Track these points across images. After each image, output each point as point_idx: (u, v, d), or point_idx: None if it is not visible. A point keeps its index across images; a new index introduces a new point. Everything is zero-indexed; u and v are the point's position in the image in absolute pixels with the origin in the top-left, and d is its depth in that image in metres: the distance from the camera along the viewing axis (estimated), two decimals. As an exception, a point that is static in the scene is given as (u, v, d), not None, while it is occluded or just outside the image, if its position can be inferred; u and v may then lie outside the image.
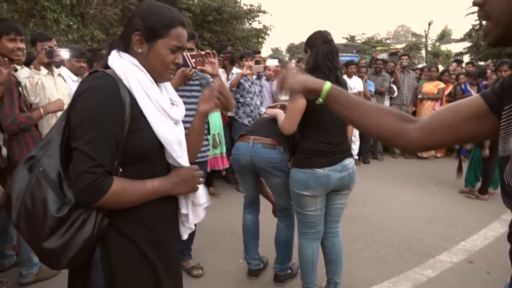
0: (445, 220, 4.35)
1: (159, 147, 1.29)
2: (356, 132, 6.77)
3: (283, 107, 2.75)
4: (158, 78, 1.34)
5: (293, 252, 2.94)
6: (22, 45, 2.69)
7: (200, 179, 1.40)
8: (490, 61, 13.36)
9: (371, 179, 6.06)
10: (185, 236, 1.49)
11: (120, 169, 1.24)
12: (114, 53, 1.31)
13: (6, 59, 2.48)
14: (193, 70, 2.59)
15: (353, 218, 4.37)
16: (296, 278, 2.98)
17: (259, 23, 14.16)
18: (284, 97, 5.33)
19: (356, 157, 7.09)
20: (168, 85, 1.44)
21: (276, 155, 2.66)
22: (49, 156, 1.23)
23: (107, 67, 1.29)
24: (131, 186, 1.24)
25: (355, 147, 7.01)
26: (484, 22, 0.86)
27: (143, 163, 1.28)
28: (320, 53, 2.38)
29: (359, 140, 7.01)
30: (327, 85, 1.13)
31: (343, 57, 11.18)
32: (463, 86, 7.38)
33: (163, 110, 1.30)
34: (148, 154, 1.28)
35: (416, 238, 3.86)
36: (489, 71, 7.29)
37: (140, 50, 1.29)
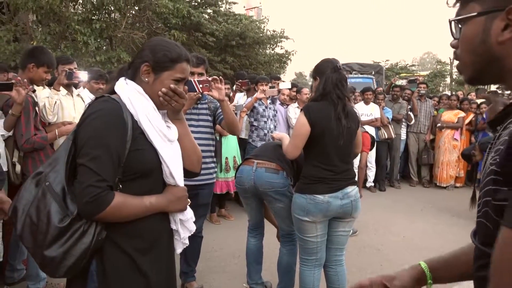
0: (459, 253, 4.22)
1: (157, 165, 1.42)
2: (372, 158, 6.72)
3: None
4: (159, 106, 1.47)
5: (296, 279, 2.92)
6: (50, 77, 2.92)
7: (188, 200, 1.51)
8: (516, 90, 13.08)
9: (386, 207, 5.97)
10: (178, 250, 1.58)
11: (120, 186, 1.35)
12: (121, 80, 1.46)
13: (25, 80, 2.64)
14: (197, 93, 2.69)
15: (363, 246, 4.30)
16: (298, 304, 2.95)
17: (281, 48, 14.35)
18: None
19: (372, 184, 7.02)
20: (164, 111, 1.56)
21: (278, 179, 2.69)
22: (55, 171, 1.35)
23: (113, 91, 1.43)
24: (131, 201, 1.35)
25: (371, 174, 6.94)
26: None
27: (141, 180, 1.39)
28: (329, 81, 2.43)
29: (375, 167, 6.94)
30: (424, 266, 1.14)
31: (356, 79, 10.73)
32: (484, 115, 7.26)
33: (161, 132, 1.43)
34: (146, 172, 1.40)
35: (427, 270, 3.76)
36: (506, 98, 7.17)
37: (146, 80, 1.44)
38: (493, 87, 11.09)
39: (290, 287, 2.94)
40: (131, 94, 1.40)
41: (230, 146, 4.92)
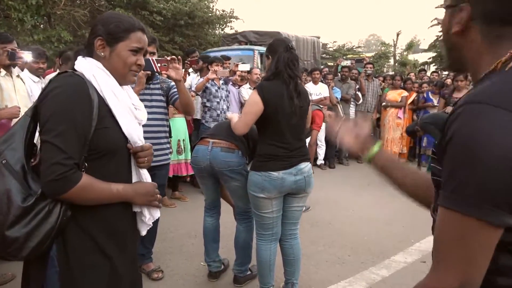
0: (403, 222, 4.51)
1: (123, 145, 1.39)
2: (322, 137, 6.92)
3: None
4: (121, 80, 1.42)
5: (253, 254, 3.00)
6: None
7: (158, 196, 1.50)
8: (453, 70, 13.91)
9: (336, 183, 6.22)
10: (143, 232, 1.55)
11: (86, 164, 1.31)
12: (80, 58, 1.40)
13: None
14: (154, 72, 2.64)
15: (316, 222, 4.47)
16: (255, 279, 3.03)
17: (231, 28, 14.20)
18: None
19: (322, 162, 7.25)
20: (130, 90, 1.52)
21: (234, 158, 2.72)
22: (12, 149, 1.28)
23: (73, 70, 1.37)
24: (98, 184, 1.31)
25: (321, 152, 7.16)
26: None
27: (106, 160, 1.35)
28: (281, 60, 2.46)
29: (325, 145, 7.16)
30: (376, 148, 1.24)
31: (233, 52, 8.85)
32: (425, 95, 7.69)
33: (129, 110, 1.41)
34: (112, 151, 1.36)
35: (374, 240, 4.00)
36: (449, 80, 7.64)
37: (102, 54, 1.38)
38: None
39: (247, 263, 3.02)
40: (94, 70, 1.35)
41: (180, 128, 4.86)
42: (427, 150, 7.04)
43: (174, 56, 2.59)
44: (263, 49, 9.72)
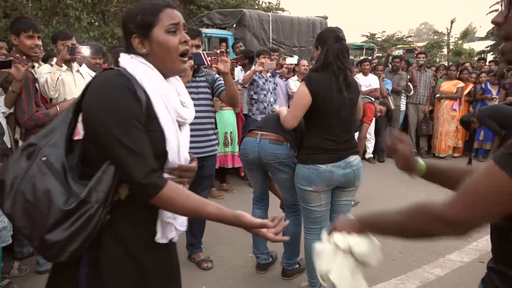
0: (458, 220, 4.30)
1: (165, 150, 1.27)
2: (371, 130, 6.73)
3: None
4: (170, 71, 1.32)
5: (302, 248, 2.98)
6: (39, 42, 2.81)
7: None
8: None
9: (386, 177, 6.02)
10: (175, 238, 1.42)
11: None
12: (123, 55, 1.30)
13: (24, 57, 2.59)
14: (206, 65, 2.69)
15: (365, 216, 4.36)
16: (303, 273, 3.02)
17: (277, 20, 14.12)
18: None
19: (371, 155, 7.06)
20: (180, 85, 1.43)
21: (282, 151, 2.70)
22: (53, 146, 1.21)
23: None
24: (185, 193, 1.24)
25: (370, 145, 6.97)
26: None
27: None
28: (330, 51, 2.39)
29: (374, 138, 6.97)
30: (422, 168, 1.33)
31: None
32: (483, 85, 7.25)
33: (176, 112, 1.30)
34: (158, 155, 1.24)
35: (427, 237, 3.84)
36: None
37: (144, 50, 1.28)
38: None
39: (295, 256, 3.00)
40: (138, 67, 1.25)
41: (226, 121, 4.90)
42: (484, 144, 6.65)
43: (222, 49, 2.62)
44: (212, 32, 9.14)
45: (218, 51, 2.59)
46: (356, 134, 5.08)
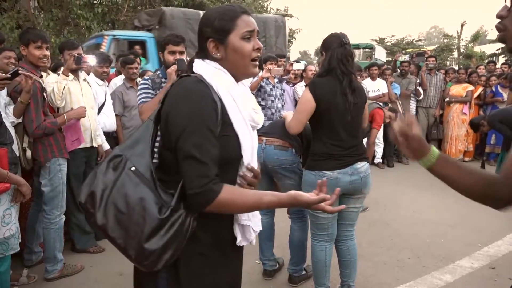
0: (469, 225, 4.24)
1: (240, 155, 1.29)
2: (380, 135, 6.68)
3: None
4: (243, 75, 1.35)
5: (308, 254, 2.96)
6: (47, 53, 2.86)
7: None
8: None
9: (395, 182, 5.98)
10: (254, 241, 1.46)
11: None
12: (198, 60, 1.32)
13: (31, 75, 2.62)
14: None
15: (374, 222, 4.33)
16: (310, 279, 3.00)
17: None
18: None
19: (380, 160, 7.01)
20: (248, 92, 1.45)
21: (287, 156, 2.70)
22: (139, 155, 1.23)
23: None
24: (242, 192, 1.24)
25: (379, 150, 6.92)
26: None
27: (226, 169, 1.27)
28: (334, 57, 2.40)
29: (383, 143, 6.91)
30: (434, 156, 1.19)
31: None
32: (493, 89, 7.16)
33: (250, 117, 1.32)
34: (232, 161, 1.29)
35: (437, 243, 3.79)
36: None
37: (219, 55, 1.30)
38: None
39: (302, 262, 2.99)
40: (213, 73, 1.27)
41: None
42: (496, 148, 6.56)
43: None
44: (118, 33, 8.08)
45: None
46: (365, 140, 5.06)
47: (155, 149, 1.30)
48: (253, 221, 1.38)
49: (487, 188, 1.10)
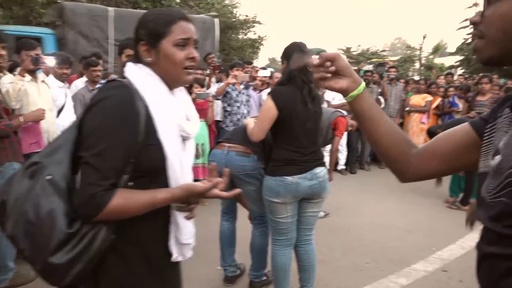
0: (425, 230, 4.41)
1: (166, 165, 1.24)
2: (343, 142, 6.85)
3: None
4: (176, 82, 1.30)
5: (269, 259, 2.99)
6: (3, 52, 2.77)
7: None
8: (481, 74, 13.55)
9: (356, 189, 6.13)
10: (187, 254, 1.39)
11: (132, 183, 1.19)
12: (130, 64, 1.28)
13: None
14: None
15: (335, 227, 4.42)
16: (271, 285, 3.02)
17: (254, 33, 14.31)
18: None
19: (343, 167, 7.17)
20: (186, 98, 1.41)
21: (249, 163, 2.73)
22: (58, 163, 1.16)
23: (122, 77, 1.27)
24: (136, 197, 1.18)
25: (342, 157, 7.08)
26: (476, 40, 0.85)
27: (152, 179, 1.23)
28: (295, 65, 2.46)
29: (346, 150, 7.08)
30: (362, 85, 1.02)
31: None
32: (451, 99, 7.50)
33: (177, 124, 1.27)
34: (158, 170, 1.23)
35: (394, 247, 3.92)
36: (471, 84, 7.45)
37: (149, 59, 1.25)
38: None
39: (262, 268, 3.01)
40: (143, 78, 1.23)
41: (199, 133, 4.87)
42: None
43: None
44: (7, 28, 6.89)
45: None
46: (329, 147, 5.17)
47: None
48: (184, 234, 1.32)
49: (405, 154, 1.03)
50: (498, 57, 0.82)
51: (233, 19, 13.77)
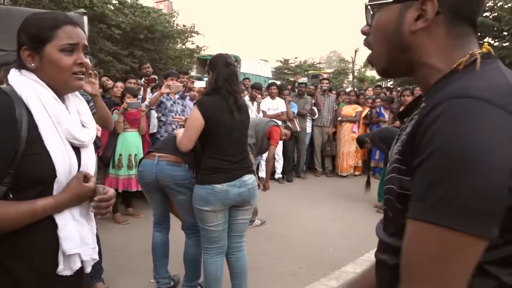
0: (355, 234, 4.62)
1: (55, 174, 1.18)
2: (279, 151, 7.01)
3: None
4: (64, 89, 1.25)
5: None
6: None
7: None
8: (407, 86, 14.57)
9: (293, 197, 6.29)
10: (88, 269, 1.32)
11: (11, 195, 1.13)
12: (12, 71, 1.21)
13: None
14: None
15: (271, 235, 4.50)
16: (205, 295, 3.01)
17: (192, 43, 14.22)
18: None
19: (280, 175, 7.33)
20: (81, 104, 1.36)
21: (180, 172, 2.71)
22: None
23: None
24: (10, 209, 1.11)
25: (279, 166, 7.25)
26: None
27: (40, 189, 1.17)
28: (220, 76, 2.51)
29: (282, 159, 7.26)
30: None
31: None
32: (378, 110, 7.99)
33: (66, 131, 1.21)
34: (45, 181, 1.17)
35: (326, 252, 4.07)
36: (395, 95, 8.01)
37: (33, 65, 1.20)
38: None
39: (196, 278, 2.98)
40: (26, 85, 1.16)
41: (130, 143, 4.75)
42: (379, 162, 7.28)
43: (90, 71, 2.55)
44: None
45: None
46: (265, 155, 5.27)
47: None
48: (83, 249, 1.25)
49: None
50: (389, 69, 0.82)
51: (171, 29, 13.60)
